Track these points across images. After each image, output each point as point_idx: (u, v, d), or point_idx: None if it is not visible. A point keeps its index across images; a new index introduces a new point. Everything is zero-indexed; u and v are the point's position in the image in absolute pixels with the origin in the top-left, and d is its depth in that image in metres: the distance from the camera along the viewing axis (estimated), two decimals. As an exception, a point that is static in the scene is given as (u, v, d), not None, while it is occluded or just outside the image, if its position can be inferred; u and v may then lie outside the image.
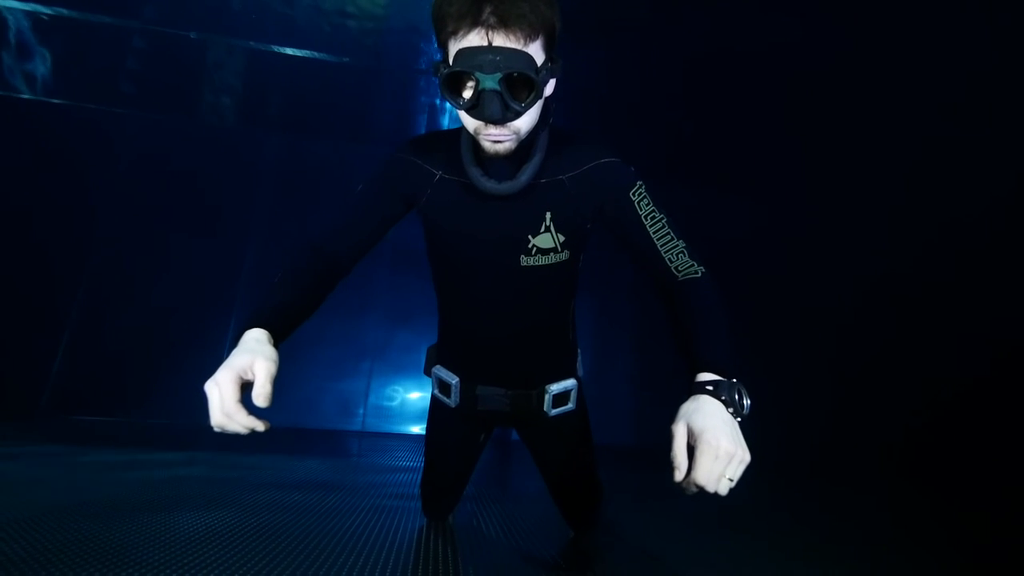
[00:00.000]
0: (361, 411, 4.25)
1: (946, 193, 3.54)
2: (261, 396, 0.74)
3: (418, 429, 4.21)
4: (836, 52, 3.24)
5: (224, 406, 0.72)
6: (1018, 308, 3.08)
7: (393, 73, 3.90)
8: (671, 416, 0.77)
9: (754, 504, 2.05)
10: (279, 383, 0.77)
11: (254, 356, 0.77)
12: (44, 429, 3.05)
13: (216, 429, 0.74)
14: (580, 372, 1.31)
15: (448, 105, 4.17)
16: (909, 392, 3.77)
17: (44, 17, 3.26)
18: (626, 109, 4.08)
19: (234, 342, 0.83)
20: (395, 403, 4.30)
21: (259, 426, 0.74)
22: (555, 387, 1.22)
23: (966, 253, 3.48)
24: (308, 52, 3.74)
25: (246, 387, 0.76)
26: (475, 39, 0.80)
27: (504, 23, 0.78)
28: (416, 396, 4.32)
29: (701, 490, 0.72)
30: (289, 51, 3.77)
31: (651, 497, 2.22)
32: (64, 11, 3.23)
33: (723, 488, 0.71)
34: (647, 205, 0.99)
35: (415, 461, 2.76)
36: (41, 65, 3.66)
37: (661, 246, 0.97)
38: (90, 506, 1.42)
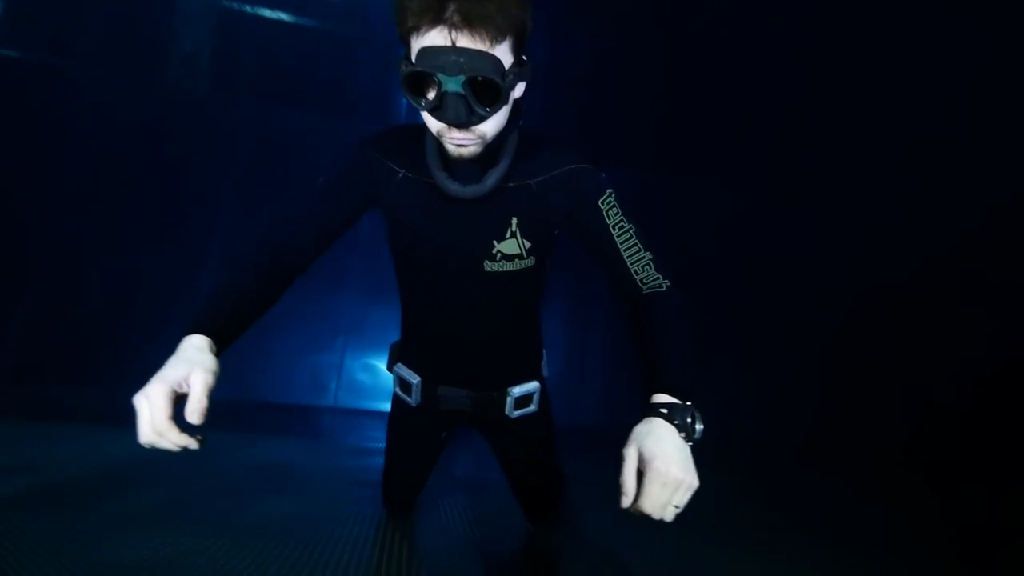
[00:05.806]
0: (333, 386, 4.21)
1: (943, 196, 3.56)
2: (195, 412, 0.70)
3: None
4: (832, 43, 3.18)
5: (155, 423, 0.69)
6: (1015, 307, 3.13)
7: (375, 44, 3.76)
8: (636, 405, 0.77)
9: (726, 499, 2.07)
10: (250, 358, 0.73)
11: (191, 367, 0.73)
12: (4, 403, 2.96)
13: (145, 446, 0.70)
14: (545, 372, 1.30)
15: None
16: (902, 388, 3.85)
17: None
18: (609, 96, 3.99)
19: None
20: (368, 379, 4.27)
21: (192, 444, 0.70)
22: (517, 390, 1.21)
23: (961, 253, 3.52)
24: (287, 15, 3.57)
25: (181, 399, 0.72)
26: (438, 38, 0.75)
27: (468, 23, 0.74)
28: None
29: (647, 516, 0.72)
30: (266, 13, 3.58)
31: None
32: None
33: (668, 515, 0.71)
34: (616, 215, 0.96)
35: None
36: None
37: (628, 257, 0.95)
38: (54, 488, 1.38)
